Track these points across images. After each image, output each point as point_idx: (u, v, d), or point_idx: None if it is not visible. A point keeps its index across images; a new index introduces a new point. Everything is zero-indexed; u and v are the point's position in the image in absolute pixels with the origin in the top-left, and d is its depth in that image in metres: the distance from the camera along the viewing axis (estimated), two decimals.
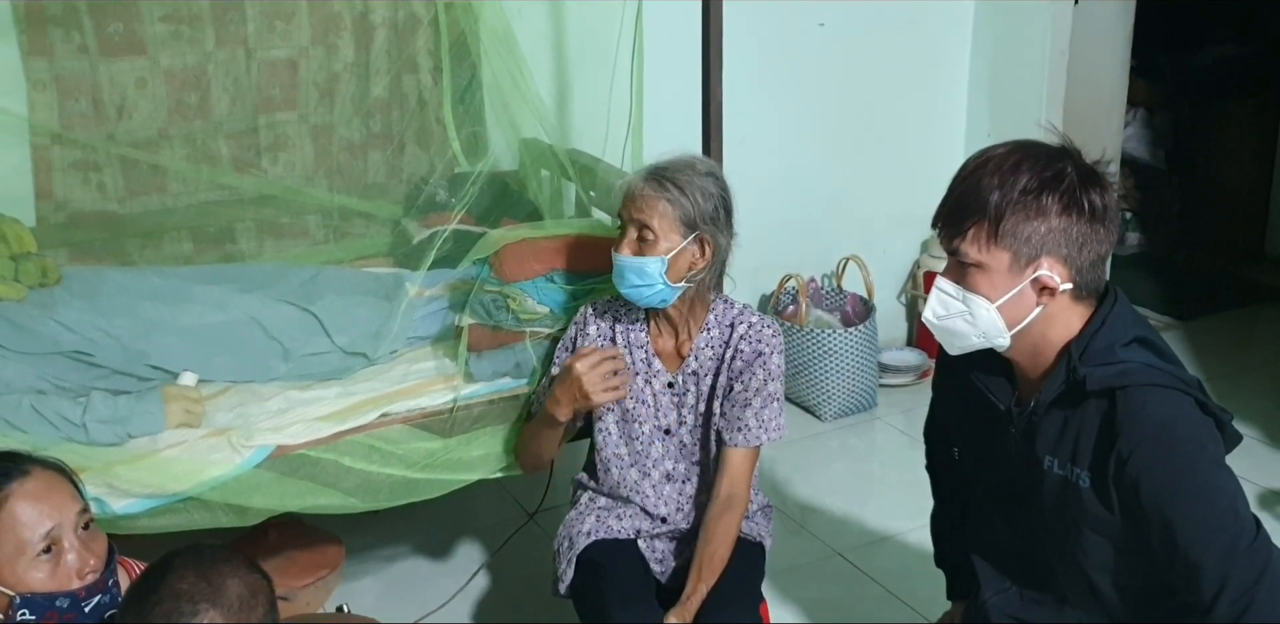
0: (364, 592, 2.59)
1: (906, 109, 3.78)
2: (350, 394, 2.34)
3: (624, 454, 2.21)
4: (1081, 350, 1.55)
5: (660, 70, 2.70)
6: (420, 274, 2.54)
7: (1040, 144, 1.56)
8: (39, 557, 1.49)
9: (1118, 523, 1.55)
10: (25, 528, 1.48)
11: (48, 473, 1.55)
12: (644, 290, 2.08)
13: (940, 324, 1.61)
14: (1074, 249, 1.51)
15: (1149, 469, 1.48)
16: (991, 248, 1.52)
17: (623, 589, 2.04)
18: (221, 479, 2.08)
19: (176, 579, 1.33)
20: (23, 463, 1.54)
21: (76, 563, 1.52)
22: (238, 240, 2.90)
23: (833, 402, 3.53)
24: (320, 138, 2.99)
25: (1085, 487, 1.56)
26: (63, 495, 1.54)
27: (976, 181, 1.52)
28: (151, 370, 2.31)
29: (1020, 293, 1.54)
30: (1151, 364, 1.53)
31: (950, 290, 1.58)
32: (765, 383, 2.12)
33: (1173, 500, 1.47)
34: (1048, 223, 1.50)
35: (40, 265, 2.42)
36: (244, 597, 1.35)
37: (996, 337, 1.57)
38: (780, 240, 3.63)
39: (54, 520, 1.50)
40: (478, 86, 3.00)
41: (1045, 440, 1.61)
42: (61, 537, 1.51)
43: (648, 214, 2.04)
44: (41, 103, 2.66)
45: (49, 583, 1.50)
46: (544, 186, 2.92)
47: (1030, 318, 1.55)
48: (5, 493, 1.49)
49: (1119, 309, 1.58)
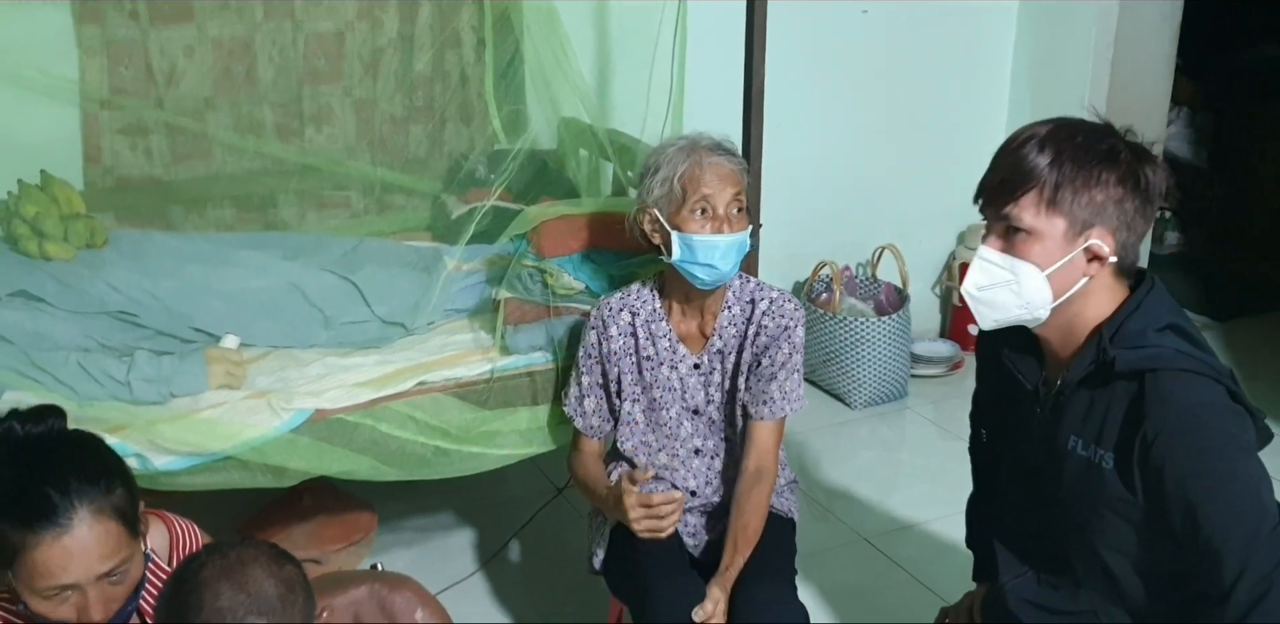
0: (394, 560, 2.61)
1: (948, 101, 3.76)
2: (388, 362, 2.37)
3: (650, 441, 2.21)
4: (1113, 332, 1.55)
5: (702, 52, 2.71)
6: (459, 248, 2.57)
7: (1085, 121, 1.56)
8: (48, 596, 1.44)
9: (1140, 505, 1.54)
10: (39, 577, 1.42)
11: (96, 528, 1.43)
12: (731, 270, 2.05)
13: (980, 295, 1.60)
14: (1124, 222, 1.52)
15: (1174, 452, 1.47)
16: (1046, 213, 1.52)
17: (661, 561, 2.04)
18: (260, 440, 2.10)
19: (213, 597, 1.32)
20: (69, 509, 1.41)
21: (74, 614, 1.45)
22: (280, 210, 2.93)
23: (863, 390, 3.53)
24: (363, 111, 3.01)
25: (1109, 468, 1.55)
26: (92, 559, 1.43)
27: (1030, 151, 1.52)
28: (194, 333, 2.35)
29: (1071, 261, 1.53)
30: (1183, 350, 1.53)
31: (996, 259, 1.57)
32: (790, 356, 2.12)
33: (1197, 485, 1.46)
34: (1106, 192, 1.50)
35: (89, 226, 2.46)
36: (283, 594, 1.35)
37: (1039, 307, 1.57)
38: (816, 227, 3.64)
39: (72, 579, 1.43)
40: (520, 63, 3.01)
41: (1070, 421, 1.60)
42: (75, 589, 1.44)
43: (736, 186, 2.03)
44: (92, 68, 2.69)
45: (50, 612, 1.45)
46: (582, 165, 2.93)
47: (1074, 289, 1.55)
48: (36, 540, 1.40)
49: (1155, 295, 1.57)
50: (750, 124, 2.57)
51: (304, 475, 2.18)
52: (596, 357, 2.18)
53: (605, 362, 2.17)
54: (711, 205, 2.02)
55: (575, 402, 2.23)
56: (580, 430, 2.24)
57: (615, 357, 2.16)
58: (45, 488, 1.42)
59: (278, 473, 2.14)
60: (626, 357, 2.16)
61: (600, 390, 2.20)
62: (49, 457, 1.47)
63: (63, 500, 1.42)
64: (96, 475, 1.46)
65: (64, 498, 1.42)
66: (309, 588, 1.41)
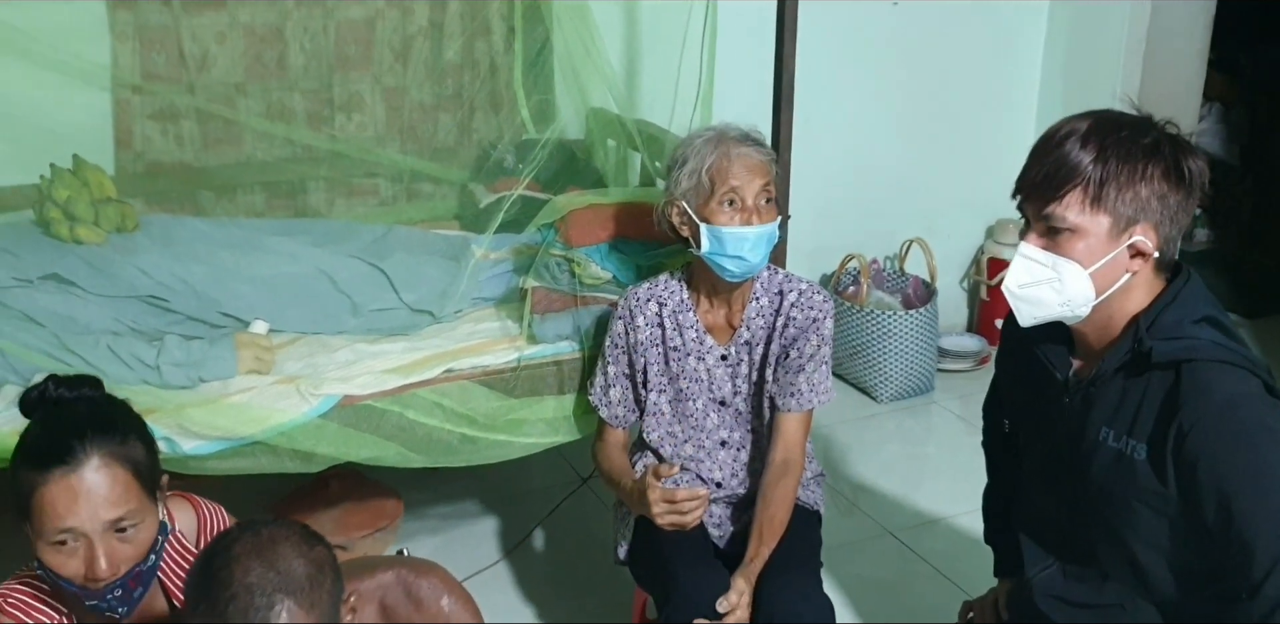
0: (419, 547, 2.62)
1: (978, 95, 3.73)
2: (416, 349, 2.37)
3: (677, 432, 2.21)
4: (1150, 323, 1.53)
5: (732, 43, 2.70)
6: (487, 237, 2.56)
7: (1124, 113, 1.54)
8: (57, 544, 1.45)
9: (1172, 498, 1.52)
10: (48, 517, 1.43)
11: (104, 471, 1.44)
12: (760, 261, 2.04)
13: (1021, 292, 1.58)
14: (1167, 217, 1.50)
15: (1209, 445, 1.46)
16: (1091, 211, 1.50)
17: (686, 552, 2.03)
18: (289, 425, 2.11)
19: (243, 572, 1.32)
20: (80, 452, 1.44)
21: (81, 569, 1.45)
22: (309, 196, 2.94)
23: (890, 383, 3.52)
24: (393, 99, 3.01)
25: (1141, 459, 1.54)
26: (98, 501, 1.44)
27: (1071, 148, 1.50)
28: (224, 318, 2.36)
29: (1115, 258, 1.52)
30: (1220, 342, 1.51)
31: (1039, 257, 1.55)
32: (819, 348, 2.11)
33: (1231, 477, 1.45)
34: (1150, 187, 1.48)
35: (120, 211, 2.47)
36: (312, 575, 1.35)
37: (1081, 305, 1.55)
38: (844, 220, 3.62)
39: (75, 523, 1.43)
40: (549, 53, 3.01)
41: (1102, 411, 1.59)
42: (81, 538, 1.45)
43: (764, 177, 2.02)
44: (124, 53, 2.71)
45: (60, 567, 1.46)
46: (610, 156, 2.93)
47: (1117, 286, 1.54)
48: (44, 478, 1.42)
49: (1191, 286, 1.56)
50: (780, 115, 2.55)
51: (331, 461, 2.18)
52: (623, 347, 2.18)
53: (632, 352, 2.17)
54: (740, 197, 2.01)
55: (600, 391, 2.23)
56: (605, 420, 2.24)
57: (642, 347, 2.15)
58: (61, 433, 1.46)
59: (305, 458, 2.15)
60: (653, 347, 2.16)
61: (626, 381, 2.20)
62: (74, 411, 1.52)
63: (76, 443, 1.44)
64: (112, 426, 1.49)
65: (78, 442, 1.45)
66: (338, 570, 1.41)
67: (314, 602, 1.34)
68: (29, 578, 1.56)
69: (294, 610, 1.32)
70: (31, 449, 1.48)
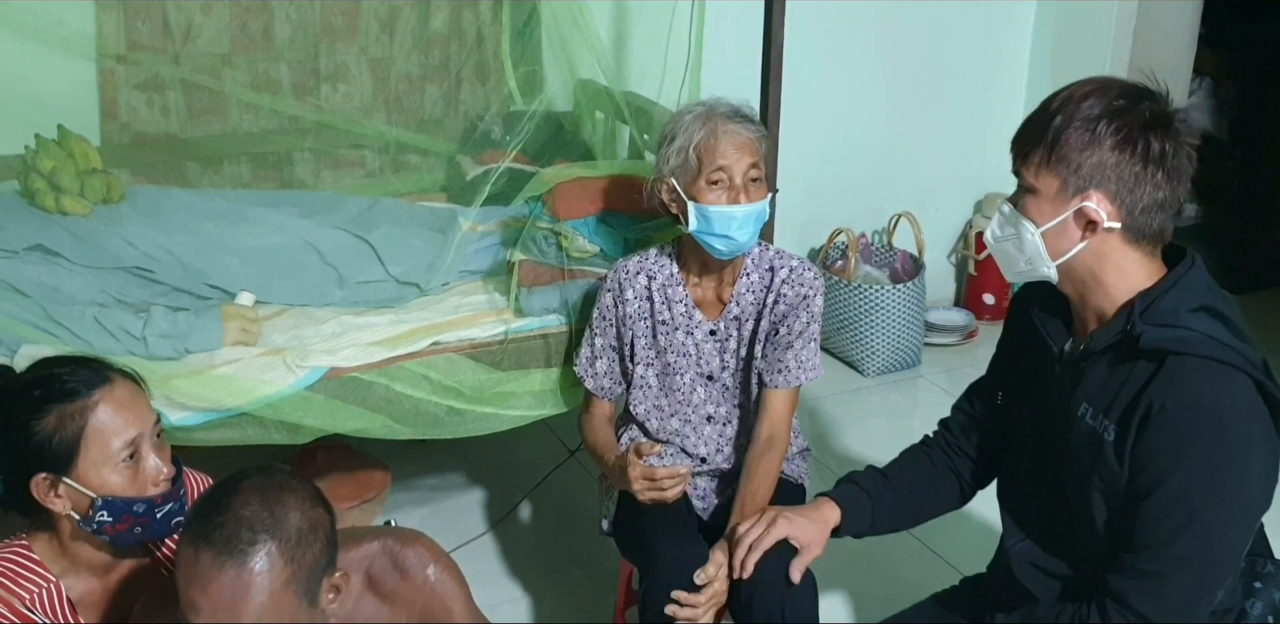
0: (406, 518, 2.63)
1: (968, 69, 3.72)
2: (403, 322, 2.37)
3: (663, 405, 2.21)
4: (1145, 307, 1.53)
5: (721, 15, 2.68)
6: (474, 210, 2.56)
7: (1125, 82, 1.54)
8: (121, 463, 1.52)
9: (1123, 481, 1.53)
10: (112, 434, 1.51)
11: (128, 382, 1.57)
12: (749, 240, 2.04)
13: (996, 245, 1.64)
14: (1124, 187, 1.49)
15: (1172, 443, 1.46)
16: (1043, 173, 1.52)
17: (667, 525, 2.05)
18: (275, 397, 2.11)
19: (241, 504, 1.35)
20: (105, 370, 1.56)
21: (153, 471, 1.55)
22: (295, 168, 2.92)
23: (876, 357, 3.53)
24: (379, 70, 2.99)
25: (1110, 441, 1.54)
26: (143, 405, 1.57)
27: (1048, 108, 1.52)
28: (210, 289, 2.35)
29: (1064, 223, 1.53)
30: (1215, 337, 1.49)
31: (1006, 212, 1.61)
32: (808, 325, 2.12)
33: (1184, 488, 1.46)
34: (1099, 155, 1.48)
35: (105, 182, 2.46)
36: (303, 531, 1.36)
37: (1041, 265, 1.58)
38: (833, 194, 3.62)
39: (137, 429, 1.53)
40: (536, 24, 2.98)
41: (1086, 388, 1.59)
42: (141, 444, 1.54)
43: (753, 155, 2.01)
44: (109, 23, 2.67)
45: (128, 488, 1.53)
46: (598, 128, 2.92)
47: (1074, 251, 1.55)
48: (94, 399, 1.51)
49: (1194, 274, 1.55)
50: (769, 89, 2.54)
51: (318, 433, 2.19)
52: (611, 319, 2.18)
53: (620, 325, 2.17)
54: (728, 175, 2.00)
55: (586, 362, 2.23)
56: (591, 391, 2.24)
57: (630, 320, 2.16)
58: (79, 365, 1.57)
59: (292, 430, 2.16)
60: (641, 320, 2.16)
61: (613, 353, 2.20)
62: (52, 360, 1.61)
63: (101, 366, 1.57)
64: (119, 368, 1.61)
65: (101, 365, 1.58)
66: (334, 542, 1.42)
67: (295, 557, 1.35)
68: (13, 551, 1.58)
69: (274, 555, 1.34)
70: (60, 390, 1.51)
